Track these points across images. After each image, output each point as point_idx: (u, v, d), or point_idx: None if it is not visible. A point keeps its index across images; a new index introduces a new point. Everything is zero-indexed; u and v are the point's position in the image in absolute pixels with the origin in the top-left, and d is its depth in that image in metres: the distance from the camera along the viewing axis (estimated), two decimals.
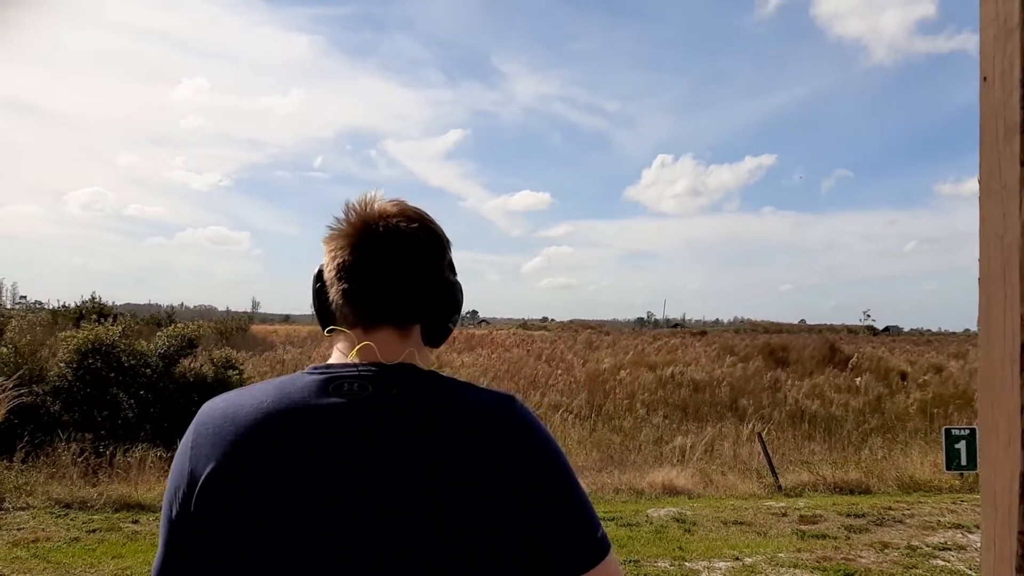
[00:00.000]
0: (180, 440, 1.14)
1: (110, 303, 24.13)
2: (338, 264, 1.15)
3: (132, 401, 11.50)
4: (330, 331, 1.21)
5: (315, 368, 1.12)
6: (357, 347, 1.14)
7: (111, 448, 10.04)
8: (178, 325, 14.03)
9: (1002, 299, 1.09)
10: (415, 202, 1.22)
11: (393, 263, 1.13)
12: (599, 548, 1.09)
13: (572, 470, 1.12)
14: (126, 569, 5.98)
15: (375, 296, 1.14)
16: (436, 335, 1.22)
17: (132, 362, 11.77)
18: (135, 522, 7.58)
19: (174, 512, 1.05)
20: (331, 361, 1.16)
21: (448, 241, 1.24)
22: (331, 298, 1.18)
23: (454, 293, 1.22)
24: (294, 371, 1.21)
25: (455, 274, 1.26)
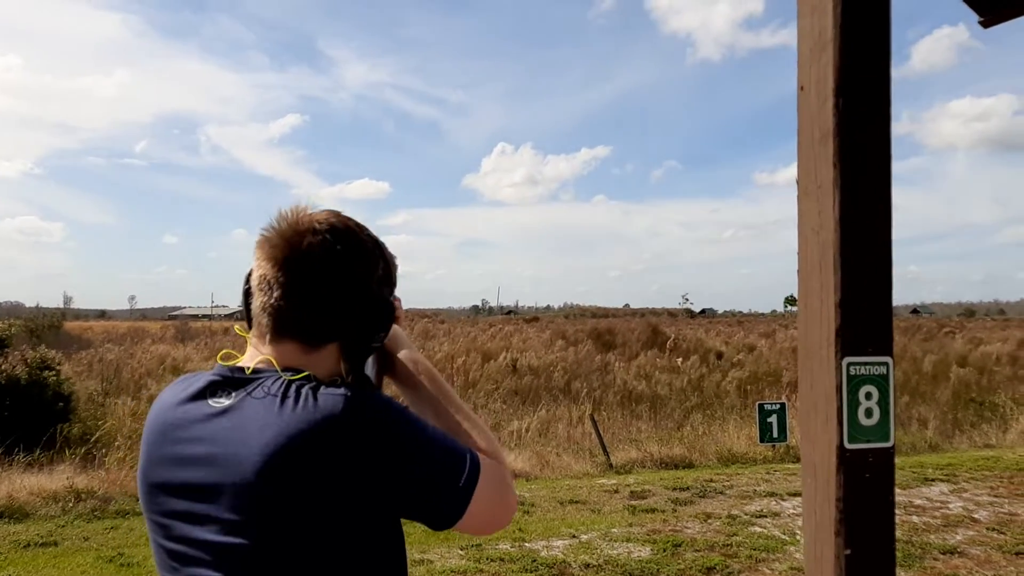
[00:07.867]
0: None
1: None
2: (259, 276, 1.16)
3: None
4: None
5: (216, 369, 1.19)
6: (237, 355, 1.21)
7: None
8: None
9: (819, 289, 1.21)
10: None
11: (308, 283, 1.13)
12: (462, 496, 1.10)
13: (418, 436, 1.10)
14: None
15: (283, 313, 1.14)
16: (356, 353, 1.21)
17: None
18: None
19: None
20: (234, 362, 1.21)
21: (381, 255, 1.23)
22: (251, 303, 1.20)
23: (380, 310, 1.19)
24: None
25: (391, 289, 1.26)
